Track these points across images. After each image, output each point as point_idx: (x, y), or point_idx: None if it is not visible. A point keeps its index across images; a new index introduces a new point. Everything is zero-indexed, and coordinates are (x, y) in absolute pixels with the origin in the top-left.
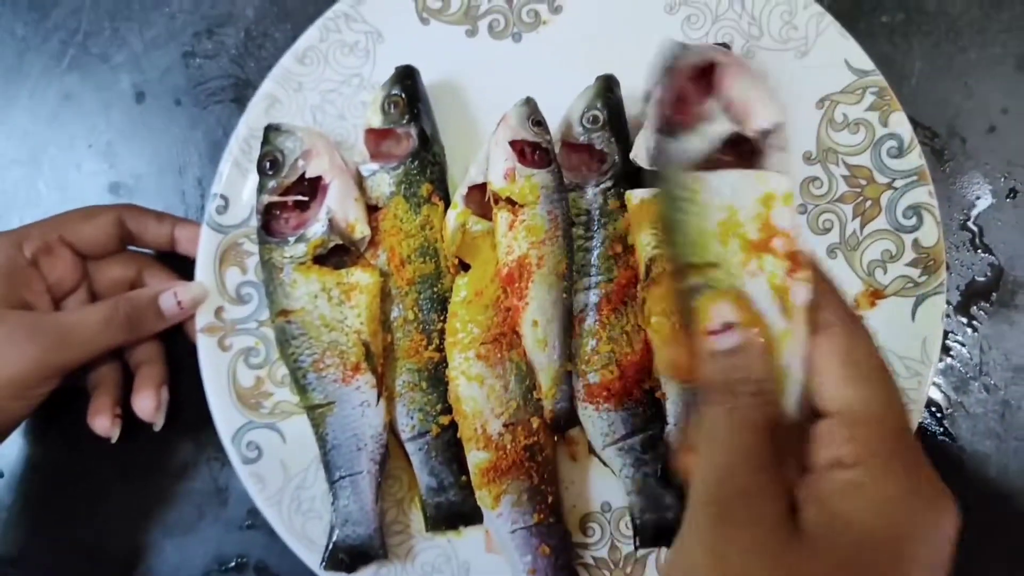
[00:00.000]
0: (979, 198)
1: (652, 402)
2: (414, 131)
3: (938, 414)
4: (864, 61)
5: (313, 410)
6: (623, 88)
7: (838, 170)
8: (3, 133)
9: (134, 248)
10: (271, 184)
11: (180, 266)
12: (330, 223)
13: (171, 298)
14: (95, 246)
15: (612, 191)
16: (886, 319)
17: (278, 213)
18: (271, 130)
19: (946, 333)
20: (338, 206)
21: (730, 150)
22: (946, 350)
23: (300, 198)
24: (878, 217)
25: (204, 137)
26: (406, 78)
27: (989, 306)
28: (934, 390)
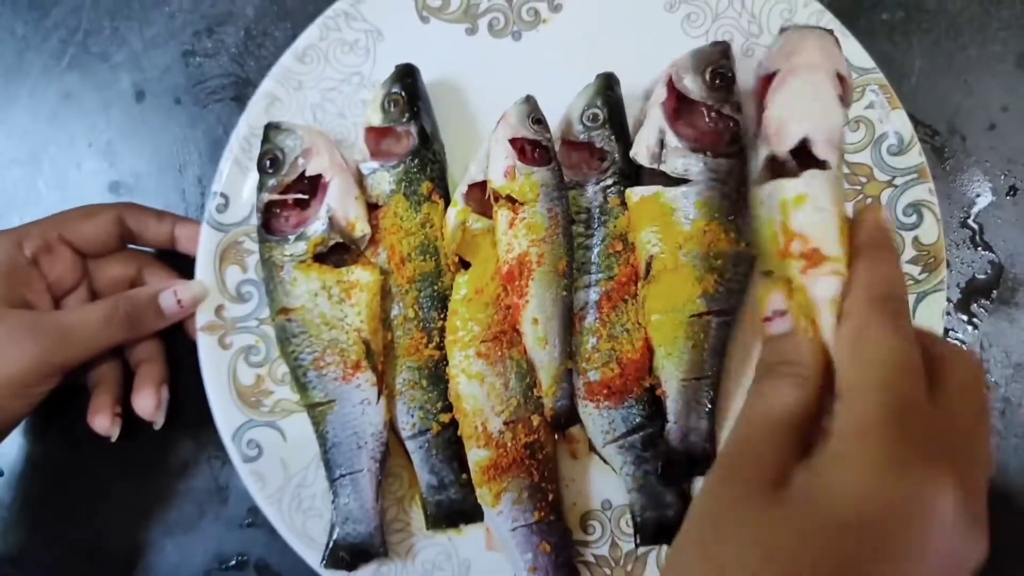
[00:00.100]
0: (979, 196)
1: (652, 400)
2: (414, 129)
3: None
4: (864, 59)
5: (313, 408)
6: (623, 86)
7: None
8: (3, 132)
9: (134, 247)
10: (271, 182)
11: (180, 264)
12: (330, 221)
13: (171, 296)
14: (95, 244)
15: (612, 189)
16: None
17: (278, 211)
18: (271, 128)
19: (946, 331)
20: (338, 204)
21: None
22: None
23: (300, 196)
24: None
25: (204, 136)
26: (406, 76)
27: (989, 303)
28: None
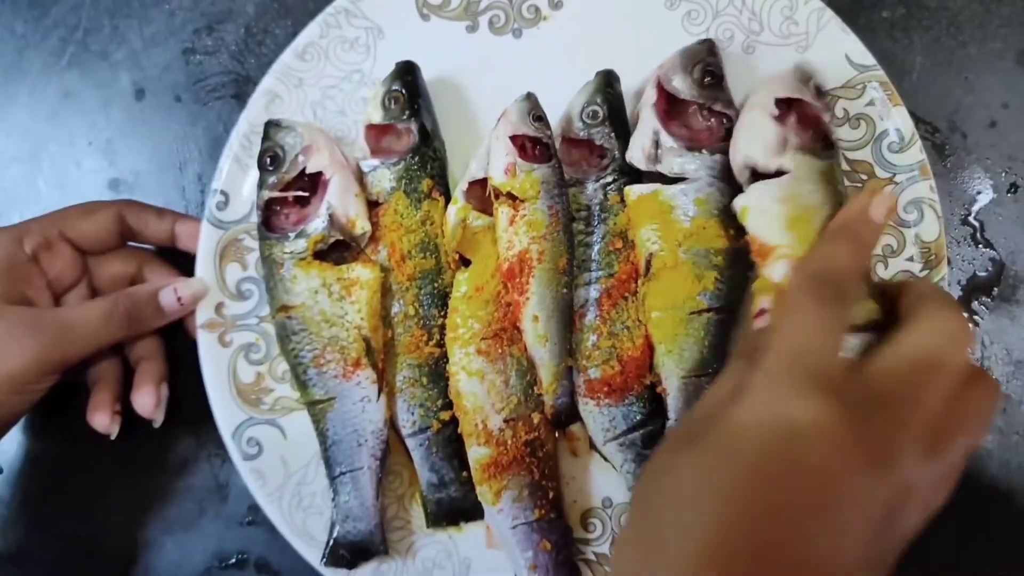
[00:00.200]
0: (980, 193)
1: (653, 397)
2: (414, 127)
3: None
4: (865, 56)
5: (313, 406)
6: (623, 83)
7: None
8: (3, 130)
9: (134, 244)
10: (271, 180)
11: (180, 262)
12: (330, 219)
13: (171, 294)
14: (95, 242)
15: (612, 186)
16: None
17: (278, 209)
18: (271, 126)
19: None
20: (338, 202)
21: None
22: None
23: (300, 194)
24: None
25: (204, 133)
26: (406, 74)
27: (990, 301)
28: None
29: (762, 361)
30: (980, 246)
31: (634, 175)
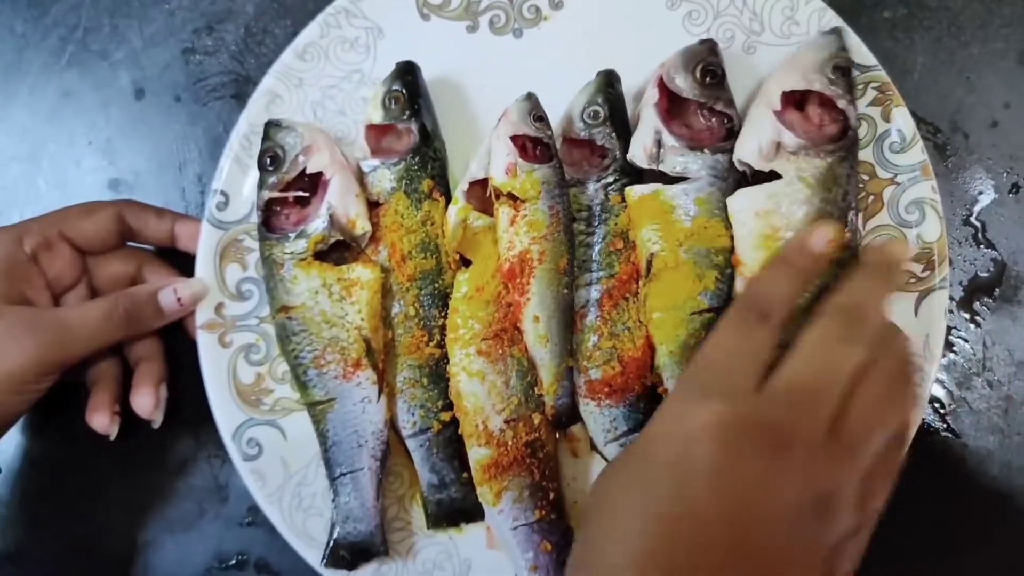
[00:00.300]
0: (982, 193)
1: (654, 398)
2: (415, 127)
3: (941, 410)
4: (866, 56)
5: (314, 407)
6: (624, 84)
7: None
8: (2, 130)
9: (134, 244)
10: (271, 180)
11: (180, 262)
12: (331, 219)
13: (171, 294)
14: (95, 242)
15: (613, 186)
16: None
17: (279, 209)
18: (271, 126)
19: (949, 329)
20: (339, 202)
21: None
22: (949, 346)
23: (301, 194)
24: (880, 212)
25: (204, 133)
26: (407, 74)
27: (992, 301)
28: (937, 386)
29: (681, 377)
30: (982, 246)
31: (635, 175)
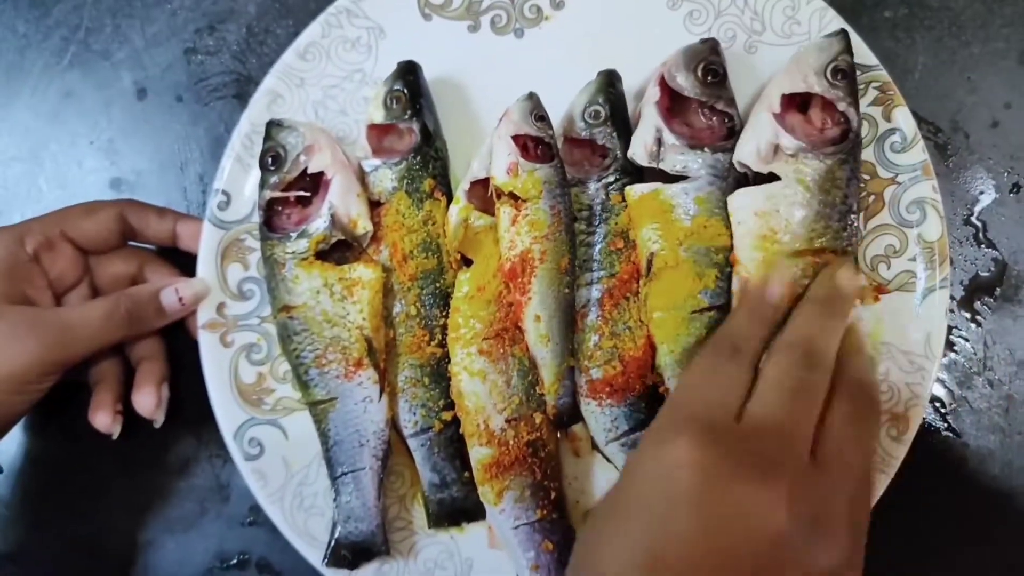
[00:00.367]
0: (982, 193)
1: (655, 397)
2: (416, 126)
3: (942, 410)
4: (867, 56)
5: (315, 406)
6: (625, 83)
7: None
8: (4, 130)
9: (135, 244)
10: (273, 180)
11: (182, 262)
12: (332, 218)
13: (172, 294)
14: (96, 241)
15: (614, 186)
16: (890, 314)
17: (280, 209)
18: (273, 126)
19: (950, 328)
20: (340, 201)
21: None
22: (950, 345)
23: (302, 194)
24: (881, 212)
25: (206, 133)
26: (408, 73)
27: (993, 301)
28: (938, 386)
29: (660, 411)
30: (982, 246)
31: (636, 175)
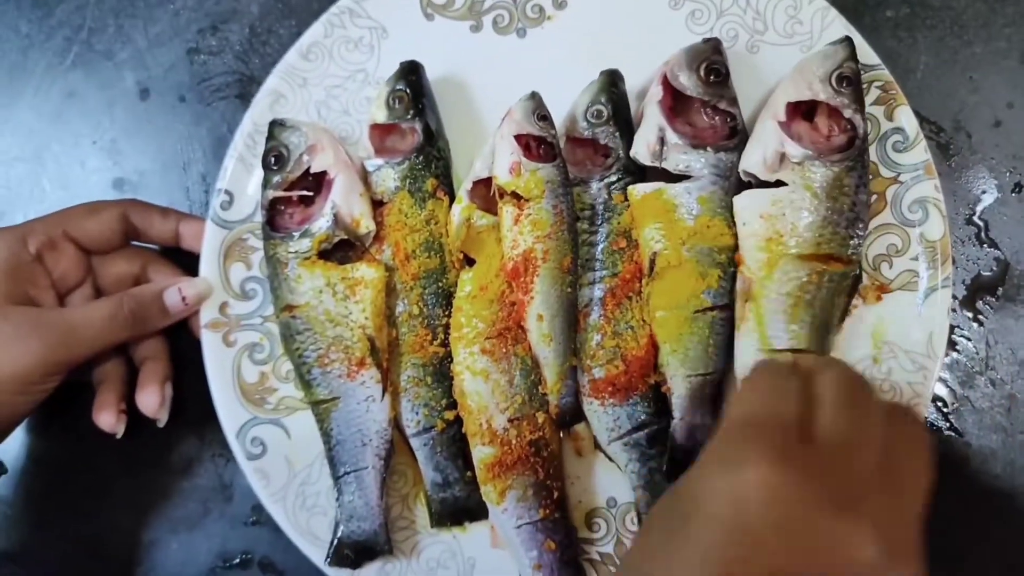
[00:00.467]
0: (984, 192)
1: (657, 397)
2: (419, 126)
3: (944, 409)
4: (869, 56)
5: (318, 405)
6: (627, 83)
7: None
8: (7, 130)
9: (138, 243)
10: (276, 179)
11: (185, 262)
12: (335, 218)
13: (176, 294)
14: (99, 241)
15: (616, 185)
16: (892, 313)
17: (283, 208)
18: (276, 125)
19: (952, 328)
20: (343, 201)
21: None
22: (952, 345)
23: (305, 193)
24: (884, 211)
25: (208, 133)
26: (410, 73)
27: (995, 300)
28: (940, 385)
29: (718, 431)
30: (984, 245)
31: (639, 174)
